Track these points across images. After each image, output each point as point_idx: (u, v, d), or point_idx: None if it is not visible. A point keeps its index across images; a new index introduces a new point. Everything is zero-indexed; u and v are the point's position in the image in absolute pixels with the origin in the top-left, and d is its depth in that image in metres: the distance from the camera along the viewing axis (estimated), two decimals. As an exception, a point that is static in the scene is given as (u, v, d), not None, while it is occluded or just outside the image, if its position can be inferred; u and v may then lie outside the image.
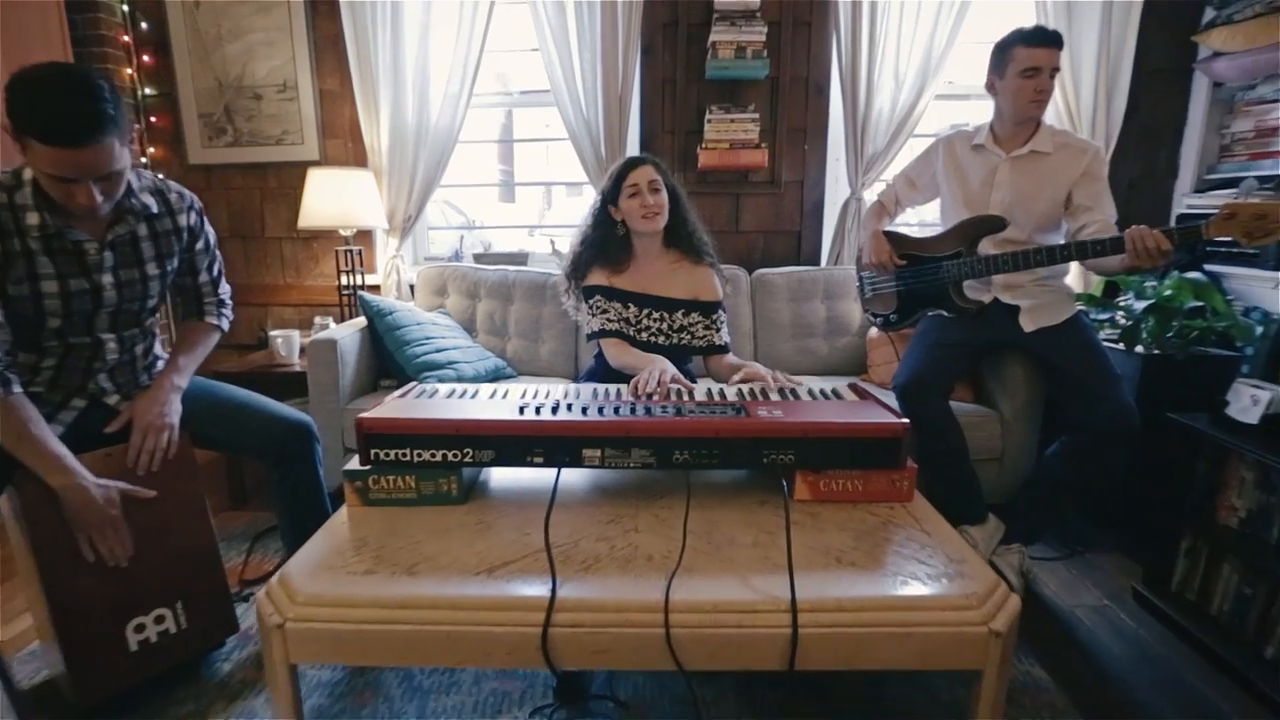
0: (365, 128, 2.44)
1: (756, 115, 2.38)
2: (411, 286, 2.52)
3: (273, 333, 2.23)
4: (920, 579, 0.98)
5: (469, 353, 2.09)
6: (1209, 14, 2.33)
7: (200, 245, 1.39)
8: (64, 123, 1.03)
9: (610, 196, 1.64)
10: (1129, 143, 2.43)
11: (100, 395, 1.29)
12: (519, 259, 2.60)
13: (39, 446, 1.13)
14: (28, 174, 1.14)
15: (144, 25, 2.48)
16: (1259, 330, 1.69)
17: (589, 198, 2.21)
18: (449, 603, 0.94)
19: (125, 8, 2.44)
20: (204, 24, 2.47)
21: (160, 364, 1.40)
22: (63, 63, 1.23)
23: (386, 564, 1.02)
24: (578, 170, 2.52)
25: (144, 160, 2.55)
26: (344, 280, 2.37)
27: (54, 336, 1.21)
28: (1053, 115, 2.43)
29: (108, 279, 1.23)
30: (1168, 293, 1.74)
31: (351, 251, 2.35)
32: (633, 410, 1.21)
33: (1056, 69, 1.66)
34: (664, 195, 1.62)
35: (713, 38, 2.32)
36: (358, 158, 2.54)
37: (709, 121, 2.39)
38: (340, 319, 2.36)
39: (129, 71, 2.47)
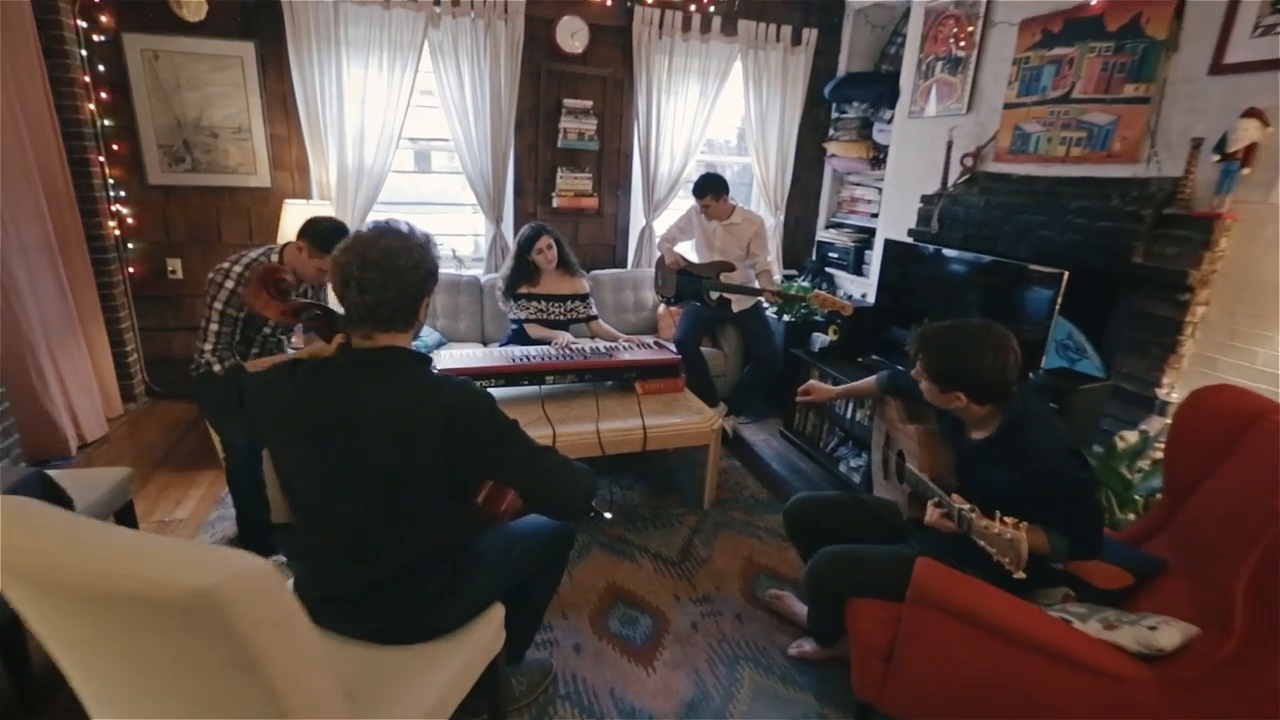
0: (314, 167, 3.34)
1: (590, 174, 3.80)
2: (354, 281, 3.50)
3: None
4: (683, 414, 2.58)
5: (420, 329, 3.24)
6: (831, 131, 4.26)
7: (324, 292, 2.42)
8: (333, 241, 2.08)
9: (525, 250, 2.96)
10: (794, 199, 4.32)
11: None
12: (469, 264, 3.74)
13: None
14: (274, 257, 2.13)
15: (101, 68, 3.03)
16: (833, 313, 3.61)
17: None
18: (510, 437, 2.29)
19: (84, 53, 2.97)
20: (163, 73, 3.11)
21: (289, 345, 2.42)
22: (327, 217, 2.20)
23: (473, 428, 2.32)
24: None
25: (110, 180, 3.12)
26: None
27: (264, 337, 2.22)
28: (756, 179, 4.22)
29: (288, 303, 2.26)
30: (793, 292, 3.60)
31: (316, 259, 3.28)
32: (562, 357, 2.62)
33: (707, 204, 3.28)
34: (555, 250, 2.99)
35: (562, 124, 3.67)
36: (303, 187, 3.41)
37: (560, 178, 3.75)
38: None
39: (90, 106, 3.02)
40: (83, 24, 2.93)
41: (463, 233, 4.09)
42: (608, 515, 1.58)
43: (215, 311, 2.09)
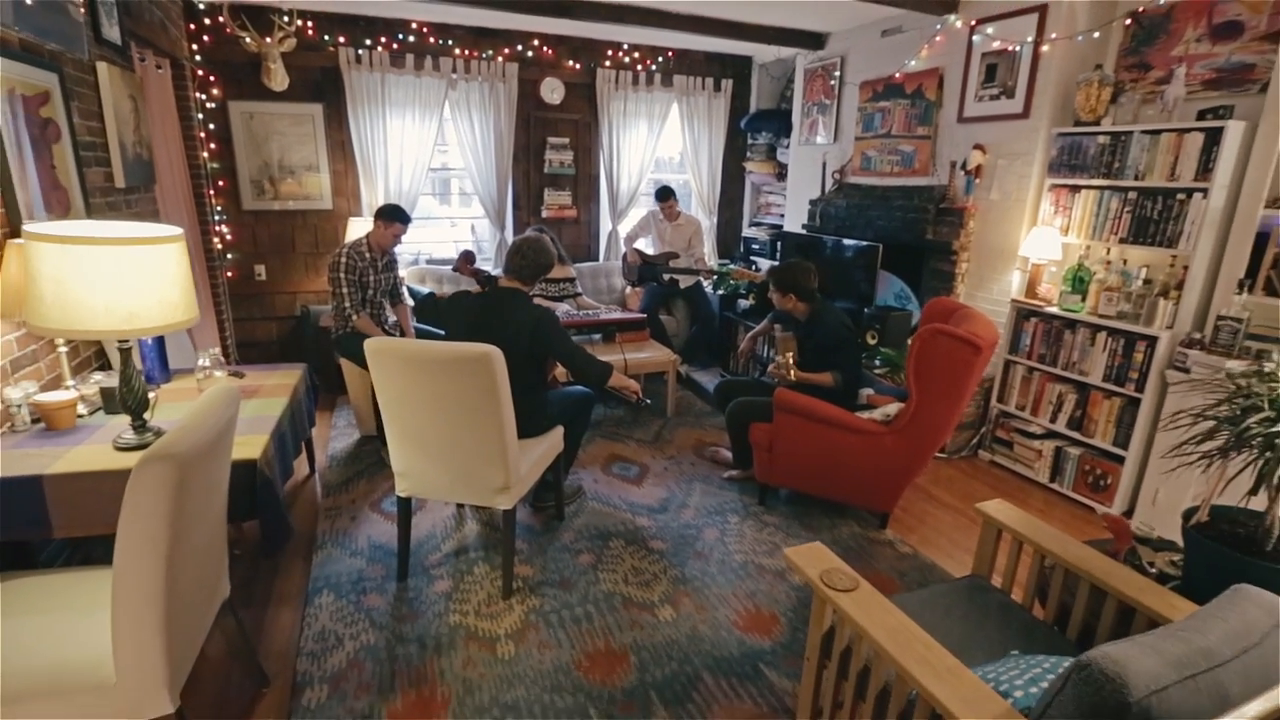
0: (365, 193, 4.48)
1: (570, 193, 5.05)
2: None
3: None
4: (650, 352, 3.87)
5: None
6: (747, 154, 5.62)
7: (396, 268, 3.58)
8: (400, 216, 3.26)
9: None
10: (724, 205, 5.66)
11: (384, 322, 3.45)
12: (450, 262, 4.90)
13: (378, 331, 3.32)
14: (364, 239, 3.29)
15: (211, 126, 4.12)
16: (749, 283, 4.94)
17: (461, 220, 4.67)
18: (539, 366, 3.53)
19: (200, 116, 4.06)
20: (256, 128, 4.21)
21: (386, 312, 3.57)
22: (392, 203, 3.36)
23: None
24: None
25: (217, 208, 4.20)
26: (366, 276, 4.43)
27: (367, 300, 3.37)
28: (694, 192, 5.54)
29: (382, 278, 3.42)
30: (724, 271, 4.91)
31: (372, 261, 4.42)
32: (566, 317, 3.87)
33: (664, 207, 4.62)
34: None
35: (547, 156, 4.91)
36: (355, 208, 4.54)
37: (547, 194, 4.99)
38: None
39: (204, 154, 4.09)
40: (200, 95, 4.02)
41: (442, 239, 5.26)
42: (648, 401, 2.77)
43: (342, 279, 3.24)
